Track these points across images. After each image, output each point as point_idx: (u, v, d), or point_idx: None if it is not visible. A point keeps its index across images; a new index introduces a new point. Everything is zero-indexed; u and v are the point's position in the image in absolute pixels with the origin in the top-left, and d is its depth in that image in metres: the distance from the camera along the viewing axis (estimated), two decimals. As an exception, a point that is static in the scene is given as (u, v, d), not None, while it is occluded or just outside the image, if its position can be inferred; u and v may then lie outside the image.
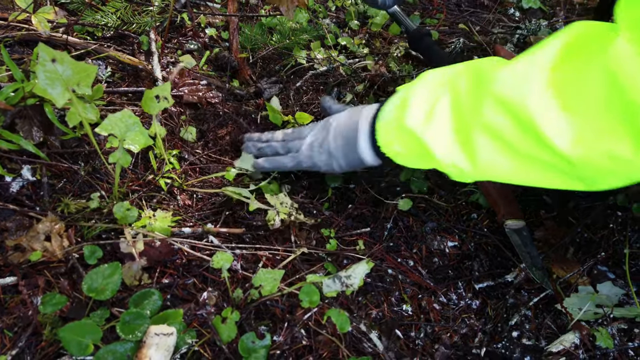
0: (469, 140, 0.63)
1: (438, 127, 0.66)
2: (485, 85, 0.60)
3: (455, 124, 0.65)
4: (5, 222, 0.78)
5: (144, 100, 0.83)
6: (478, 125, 0.61)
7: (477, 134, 0.61)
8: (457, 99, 0.65)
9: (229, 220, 0.86)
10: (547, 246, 0.92)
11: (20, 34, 1.03)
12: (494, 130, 0.59)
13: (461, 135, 0.64)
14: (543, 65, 0.55)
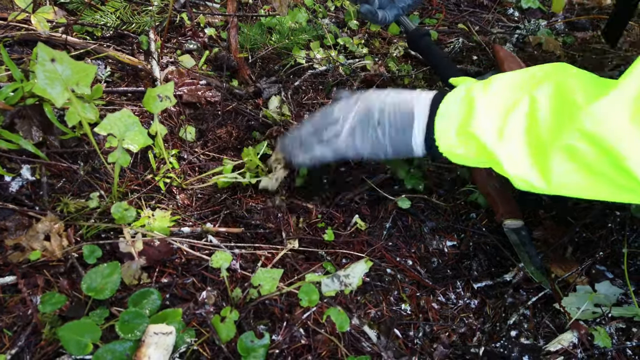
0: (545, 159, 0.62)
1: (511, 142, 0.65)
2: (573, 114, 0.59)
3: (530, 139, 0.63)
4: (4, 222, 0.78)
5: (145, 99, 0.83)
6: (558, 147, 0.60)
7: (556, 154, 0.60)
8: (535, 115, 0.63)
9: (227, 220, 0.86)
10: (545, 245, 0.92)
11: (20, 33, 1.03)
12: (575, 154, 0.59)
13: (537, 153, 0.63)
14: (628, 97, 0.55)
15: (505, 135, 0.65)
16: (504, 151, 0.65)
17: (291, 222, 0.88)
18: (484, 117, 0.67)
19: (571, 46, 1.48)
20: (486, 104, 0.68)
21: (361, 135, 0.79)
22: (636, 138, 0.54)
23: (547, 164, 0.61)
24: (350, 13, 1.47)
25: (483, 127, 0.66)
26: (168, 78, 1.11)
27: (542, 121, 0.62)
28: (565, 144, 0.59)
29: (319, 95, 1.20)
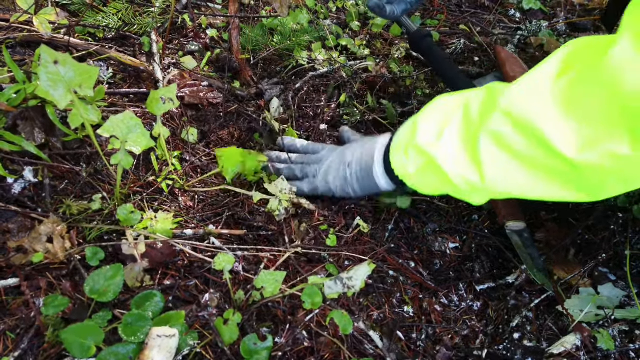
0: (475, 149, 0.64)
1: (447, 141, 0.68)
2: (494, 100, 0.62)
3: (463, 135, 0.67)
4: (7, 224, 0.78)
5: (149, 101, 0.83)
6: (484, 133, 0.62)
7: (484, 142, 0.62)
8: (467, 114, 0.67)
9: (230, 222, 0.86)
10: (548, 248, 0.92)
11: (22, 35, 1.03)
12: (500, 138, 0.61)
13: (468, 145, 0.66)
14: (547, 76, 0.56)
15: (442, 136, 0.69)
16: (440, 150, 0.69)
17: (293, 225, 0.88)
18: (426, 127, 0.72)
19: (573, 47, 1.48)
20: (427, 119, 0.73)
21: (334, 174, 0.89)
22: (558, 111, 0.54)
23: (477, 154, 0.63)
24: (352, 14, 1.47)
25: (425, 135, 0.71)
26: (170, 80, 1.10)
27: (472, 116, 0.66)
28: (489, 129, 0.61)
29: (321, 97, 1.20)
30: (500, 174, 0.63)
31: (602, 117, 0.52)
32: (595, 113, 0.52)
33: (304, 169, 0.94)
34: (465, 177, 0.67)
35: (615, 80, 0.49)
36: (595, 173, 0.54)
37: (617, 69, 0.49)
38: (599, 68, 0.52)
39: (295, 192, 0.90)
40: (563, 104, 0.54)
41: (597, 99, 0.52)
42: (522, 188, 0.63)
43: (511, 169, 0.61)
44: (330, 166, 0.90)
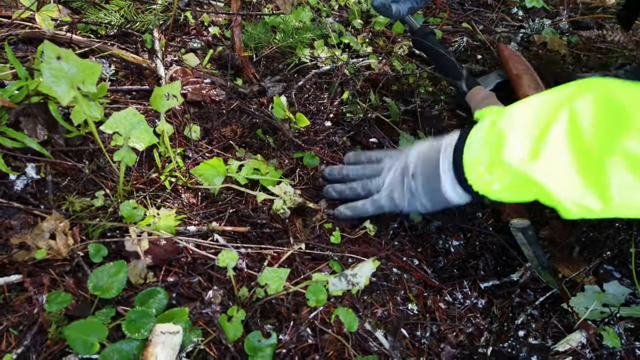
0: (599, 173, 0.55)
1: (553, 163, 0.59)
2: (627, 118, 0.53)
3: (575, 155, 0.57)
4: (9, 220, 0.77)
5: (152, 98, 0.83)
6: (613, 155, 0.54)
7: (614, 167, 0.54)
8: (577, 126, 0.57)
9: (233, 219, 0.86)
10: (552, 245, 0.92)
11: (24, 32, 1.03)
12: (636, 161, 0.53)
13: (587, 169, 0.57)
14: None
15: (542, 154, 0.58)
16: (543, 171, 0.59)
17: (297, 223, 0.87)
18: (517, 142, 0.61)
19: (576, 45, 1.48)
20: (513, 131, 0.62)
21: (399, 189, 0.81)
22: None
23: (603, 178, 0.55)
24: (354, 12, 1.47)
25: (517, 152, 0.61)
26: (172, 77, 1.10)
27: (586, 131, 0.56)
28: (622, 150, 0.53)
29: (324, 94, 1.20)
30: (631, 198, 0.55)
31: None
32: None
33: (366, 186, 0.86)
34: (580, 202, 0.58)
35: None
36: None
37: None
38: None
39: (359, 214, 0.85)
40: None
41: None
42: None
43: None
44: (393, 181, 0.82)
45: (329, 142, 1.07)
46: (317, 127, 1.11)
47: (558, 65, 1.35)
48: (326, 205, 0.93)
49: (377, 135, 1.11)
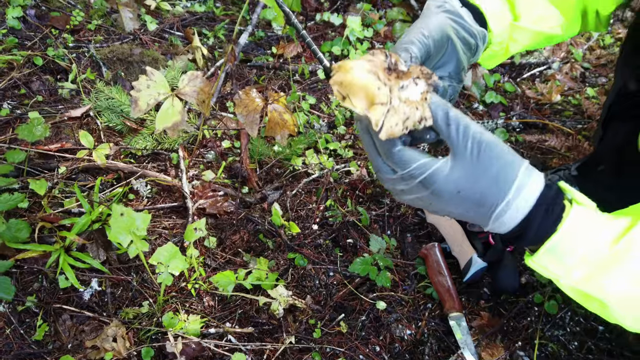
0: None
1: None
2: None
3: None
4: (82, 326, 1.09)
5: (186, 233, 1.15)
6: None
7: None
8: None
9: (241, 318, 1.17)
10: (481, 333, 1.22)
11: (83, 164, 1.36)
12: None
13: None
14: None
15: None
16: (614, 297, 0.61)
17: (289, 318, 1.18)
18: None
19: (522, 144, 1.79)
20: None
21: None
22: None
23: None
24: (338, 119, 1.79)
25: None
26: (193, 192, 1.42)
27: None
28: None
29: (312, 198, 1.51)
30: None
31: None
32: None
33: None
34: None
35: None
36: None
37: None
38: None
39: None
40: None
41: None
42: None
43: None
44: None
45: (315, 245, 1.39)
46: (306, 232, 1.42)
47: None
48: (312, 301, 1.24)
49: (352, 236, 1.42)
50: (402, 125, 0.59)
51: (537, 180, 0.61)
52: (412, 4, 2.34)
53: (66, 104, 1.59)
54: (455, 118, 0.60)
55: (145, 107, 1.11)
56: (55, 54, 1.71)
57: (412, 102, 0.60)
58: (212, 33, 2.05)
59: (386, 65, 0.61)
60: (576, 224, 0.60)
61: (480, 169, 0.59)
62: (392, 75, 0.61)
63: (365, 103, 0.59)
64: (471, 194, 0.60)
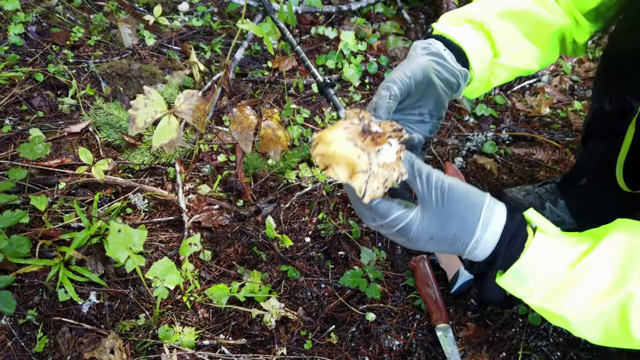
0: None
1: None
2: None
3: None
4: (81, 338, 1.13)
5: (181, 248, 1.19)
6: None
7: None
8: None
9: (235, 330, 1.20)
10: (467, 344, 1.26)
11: (82, 180, 1.40)
12: None
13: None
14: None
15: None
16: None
17: (281, 330, 1.22)
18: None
19: (510, 157, 1.84)
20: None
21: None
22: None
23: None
24: (332, 132, 1.84)
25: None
26: (189, 206, 1.46)
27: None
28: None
29: (305, 211, 1.56)
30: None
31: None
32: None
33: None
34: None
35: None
36: None
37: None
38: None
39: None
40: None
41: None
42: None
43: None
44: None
45: (308, 257, 1.43)
46: (299, 244, 1.46)
47: (492, 177, 1.72)
48: (303, 313, 1.28)
49: (344, 249, 1.46)
50: (383, 187, 0.65)
51: (500, 215, 0.67)
52: (405, 17, 2.39)
53: (66, 120, 1.64)
54: (419, 169, 0.67)
55: (142, 125, 1.16)
56: (56, 70, 1.75)
57: (389, 164, 0.65)
58: (209, 47, 2.10)
59: (361, 128, 0.67)
60: (537, 253, 0.66)
61: (447, 215, 0.66)
62: (367, 139, 0.66)
63: (347, 172, 0.64)
64: (443, 238, 0.67)
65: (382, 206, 0.67)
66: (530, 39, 0.98)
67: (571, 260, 0.66)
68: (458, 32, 0.90)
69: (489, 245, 0.68)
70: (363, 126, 0.67)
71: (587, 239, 0.69)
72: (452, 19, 0.95)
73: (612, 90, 1.09)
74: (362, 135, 0.66)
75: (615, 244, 0.67)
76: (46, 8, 2.01)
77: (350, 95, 2.01)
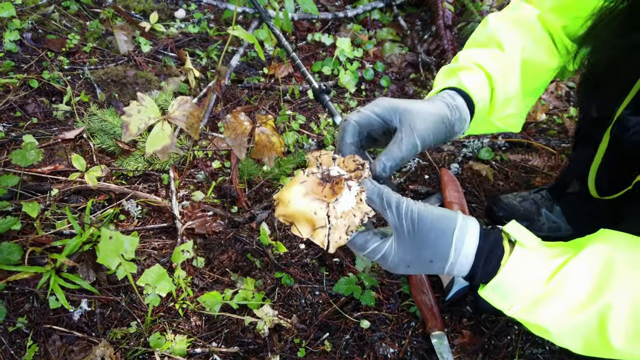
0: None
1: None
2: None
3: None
4: (71, 346, 1.11)
5: (174, 255, 1.18)
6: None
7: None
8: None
9: (228, 338, 1.19)
10: (463, 351, 1.25)
11: (75, 186, 1.39)
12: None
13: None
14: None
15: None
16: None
17: (274, 338, 1.21)
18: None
19: (506, 163, 1.83)
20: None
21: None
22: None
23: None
24: (327, 138, 1.83)
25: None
26: (183, 212, 1.46)
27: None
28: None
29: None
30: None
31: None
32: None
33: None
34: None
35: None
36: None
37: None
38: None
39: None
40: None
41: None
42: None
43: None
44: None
45: (302, 264, 1.42)
46: (293, 251, 1.45)
47: (488, 183, 1.71)
48: (297, 320, 1.27)
49: (339, 255, 1.45)
50: (345, 235, 0.66)
51: (472, 237, 0.69)
52: (401, 24, 2.40)
53: (60, 126, 1.63)
54: (388, 201, 0.68)
55: (136, 131, 1.16)
56: (51, 76, 1.75)
57: (349, 212, 0.66)
58: (205, 54, 2.10)
59: (319, 176, 0.67)
60: (514, 267, 0.68)
61: (420, 243, 0.68)
62: (326, 188, 0.66)
63: (309, 229, 0.66)
64: (420, 264, 0.70)
65: (359, 240, 0.69)
66: (529, 89, 1.01)
67: (549, 273, 0.66)
68: (474, 85, 0.89)
69: (465, 267, 0.69)
70: (322, 174, 0.68)
71: (568, 249, 0.69)
72: (469, 61, 0.94)
73: (594, 99, 1.10)
74: (321, 184, 0.67)
75: (593, 255, 0.67)
76: (42, 15, 2.01)
77: (346, 102, 2.01)
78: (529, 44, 1.00)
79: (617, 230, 0.72)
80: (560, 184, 1.42)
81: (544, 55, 1.03)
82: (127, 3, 2.24)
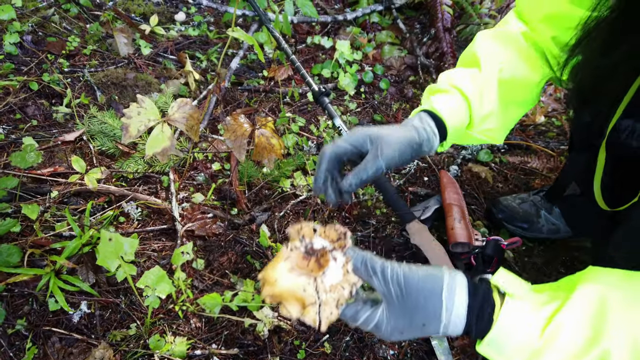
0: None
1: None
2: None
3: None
4: (70, 348, 1.11)
5: (174, 257, 1.18)
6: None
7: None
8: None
9: (228, 339, 1.19)
10: (463, 353, 1.24)
11: (75, 188, 1.39)
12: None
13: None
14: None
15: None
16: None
17: (274, 339, 1.21)
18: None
19: (506, 165, 1.84)
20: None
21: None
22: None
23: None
24: (327, 140, 1.84)
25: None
26: (183, 214, 1.46)
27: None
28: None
29: (299, 219, 1.55)
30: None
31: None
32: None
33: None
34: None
35: None
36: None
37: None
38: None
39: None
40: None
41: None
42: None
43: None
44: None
45: (302, 266, 1.41)
46: (293, 253, 1.45)
47: (487, 185, 1.71)
48: (297, 322, 1.27)
49: (339, 257, 1.45)
50: (336, 309, 0.65)
51: (461, 295, 0.69)
52: (400, 27, 2.41)
53: (60, 128, 1.63)
54: (373, 268, 0.69)
55: (135, 133, 1.16)
56: (51, 78, 1.76)
57: (337, 285, 0.66)
58: (205, 56, 2.10)
59: (303, 250, 0.66)
60: (506, 322, 0.67)
61: (410, 308, 0.68)
62: (312, 261, 0.66)
63: (299, 307, 0.65)
64: (413, 329, 0.69)
65: (349, 312, 0.69)
66: (512, 103, 1.05)
67: (542, 323, 0.66)
68: (445, 108, 0.96)
69: (459, 326, 0.69)
70: (305, 247, 0.67)
71: (558, 294, 0.69)
72: (448, 83, 1.02)
73: (585, 109, 1.11)
74: (305, 258, 0.66)
75: (585, 298, 0.66)
76: (42, 17, 2.02)
77: (345, 104, 2.01)
78: (509, 60, 1.05)
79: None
80: (558, 186, 1.42)
81: (526, 69, 1.07)
82: (127, 6, 2.25)
